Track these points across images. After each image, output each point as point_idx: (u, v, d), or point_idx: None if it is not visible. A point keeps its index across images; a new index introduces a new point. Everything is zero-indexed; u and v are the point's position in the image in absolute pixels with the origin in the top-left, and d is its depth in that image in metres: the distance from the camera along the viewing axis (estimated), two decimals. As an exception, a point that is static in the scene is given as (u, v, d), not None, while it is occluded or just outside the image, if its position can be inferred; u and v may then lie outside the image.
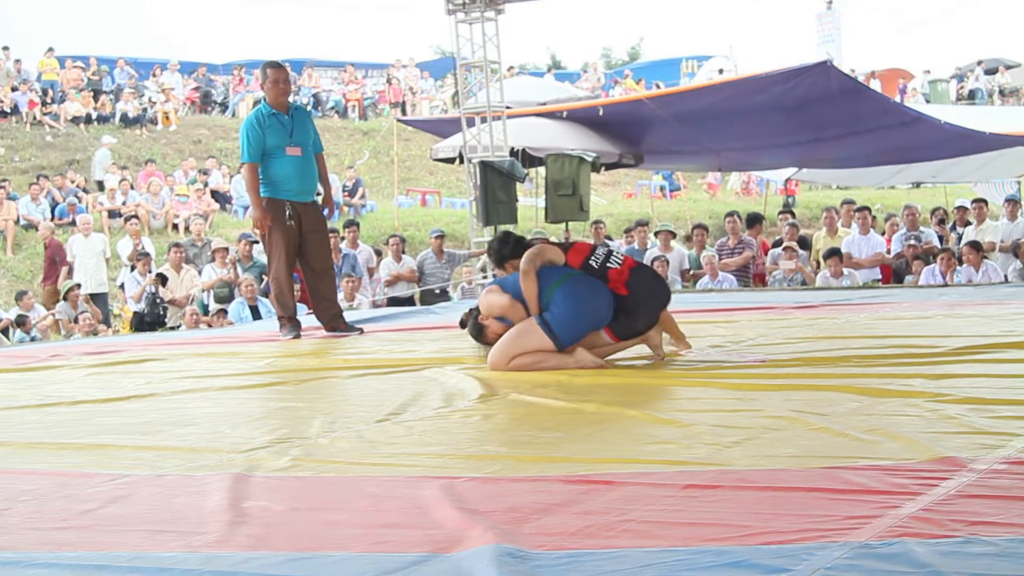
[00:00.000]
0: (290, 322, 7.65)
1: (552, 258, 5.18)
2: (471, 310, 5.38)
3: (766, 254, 13.28)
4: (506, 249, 5.38)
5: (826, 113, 13.73)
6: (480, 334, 5.25)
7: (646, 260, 13.31)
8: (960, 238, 13.48)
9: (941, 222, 15.30)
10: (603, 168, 15.07)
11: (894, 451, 3.04)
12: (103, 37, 57.36)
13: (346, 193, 21.53)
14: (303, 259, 7.71)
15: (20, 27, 46.15)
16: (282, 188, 7.58)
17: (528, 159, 14.88)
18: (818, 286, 11.53)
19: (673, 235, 14.55)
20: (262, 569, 2.27)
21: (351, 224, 15.09)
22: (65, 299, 13.71)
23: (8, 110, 24.00)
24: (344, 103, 27.98)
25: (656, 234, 13.95)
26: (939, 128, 14.41)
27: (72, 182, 20.68)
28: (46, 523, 2.71)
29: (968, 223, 13.74)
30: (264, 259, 14.15)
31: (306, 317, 8.24)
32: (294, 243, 7.64)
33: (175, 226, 19.48)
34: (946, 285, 10.62)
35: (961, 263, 11.44)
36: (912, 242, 12.68)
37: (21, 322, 13.25)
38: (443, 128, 17.72)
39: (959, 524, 2.32)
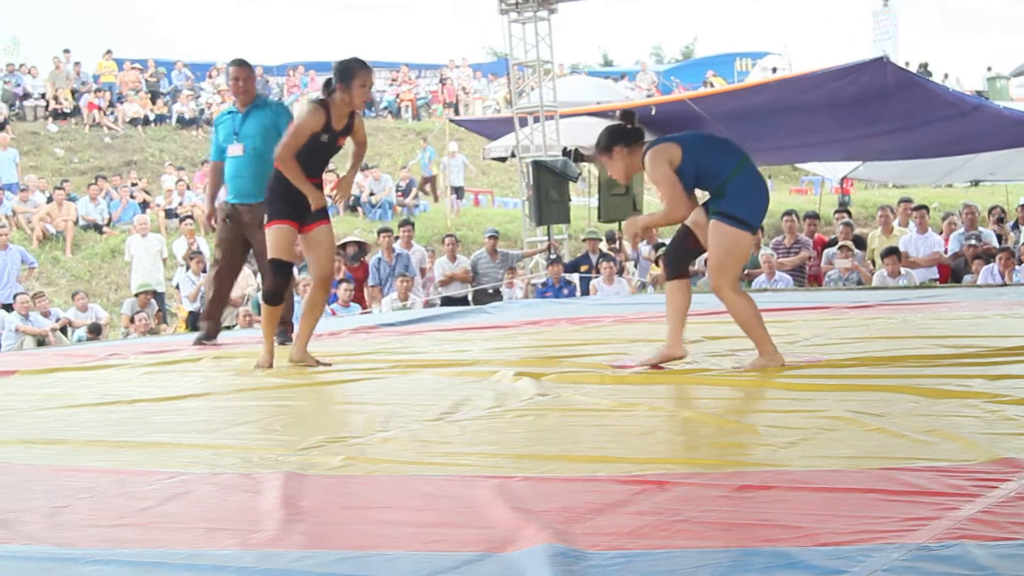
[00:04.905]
0: (204, 324, 7.61)
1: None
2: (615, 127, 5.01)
3: (820, 253, 13.14)
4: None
5: (882, 108, 13.58)
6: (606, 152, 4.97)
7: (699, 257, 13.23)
8: (1021, 237, 13.27)
9: (999, 220, 15.06)
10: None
11: (952, 452, 3.01)
12: (158, 41, 58.03)
13: (399, 193, 21.61)
14: (259, 261, 7.25)
15: (79, 30, 46.80)
16: (228, 189, 7.30)
17: (581, 158, 14.85)
18: (874, 285, 11.40)
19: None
20: (316, 567, 2.27)
21: (405, 224, 15.12)
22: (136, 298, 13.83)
23: (68, 111, 24.32)
24: (397, 103, 28.09)
25: None
26: (998, 115, 14.29)
27: (132, 183, 20.91)
28: (105, 520, 2.74)
29: (1030, 221, 13.55)
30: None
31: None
32: (227, 246, 7.40)
33: (232, 227, 19.57)
34: (1004, 284, 10.45)
35: (1021, 263, 11.25)
36: (973, 242, 12.49)
37: (96, 330, 13.29)
38: (495, 128, 17.73)
39: (1019, 526, 2.28)
